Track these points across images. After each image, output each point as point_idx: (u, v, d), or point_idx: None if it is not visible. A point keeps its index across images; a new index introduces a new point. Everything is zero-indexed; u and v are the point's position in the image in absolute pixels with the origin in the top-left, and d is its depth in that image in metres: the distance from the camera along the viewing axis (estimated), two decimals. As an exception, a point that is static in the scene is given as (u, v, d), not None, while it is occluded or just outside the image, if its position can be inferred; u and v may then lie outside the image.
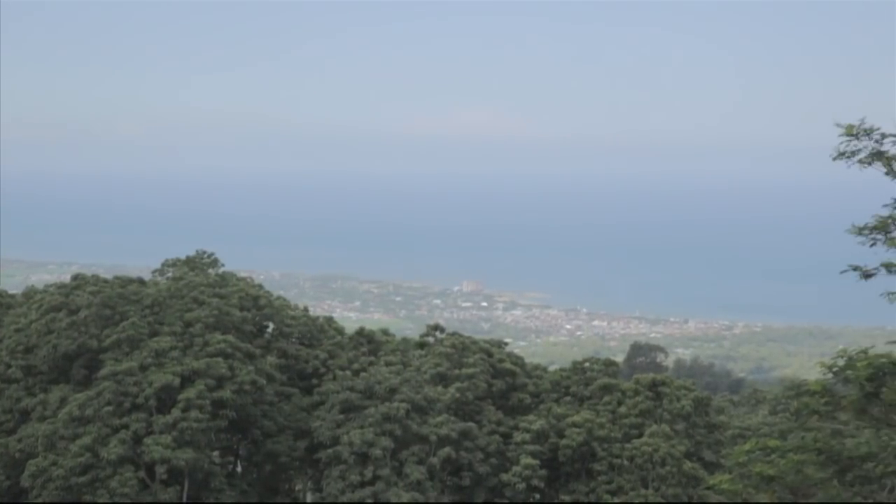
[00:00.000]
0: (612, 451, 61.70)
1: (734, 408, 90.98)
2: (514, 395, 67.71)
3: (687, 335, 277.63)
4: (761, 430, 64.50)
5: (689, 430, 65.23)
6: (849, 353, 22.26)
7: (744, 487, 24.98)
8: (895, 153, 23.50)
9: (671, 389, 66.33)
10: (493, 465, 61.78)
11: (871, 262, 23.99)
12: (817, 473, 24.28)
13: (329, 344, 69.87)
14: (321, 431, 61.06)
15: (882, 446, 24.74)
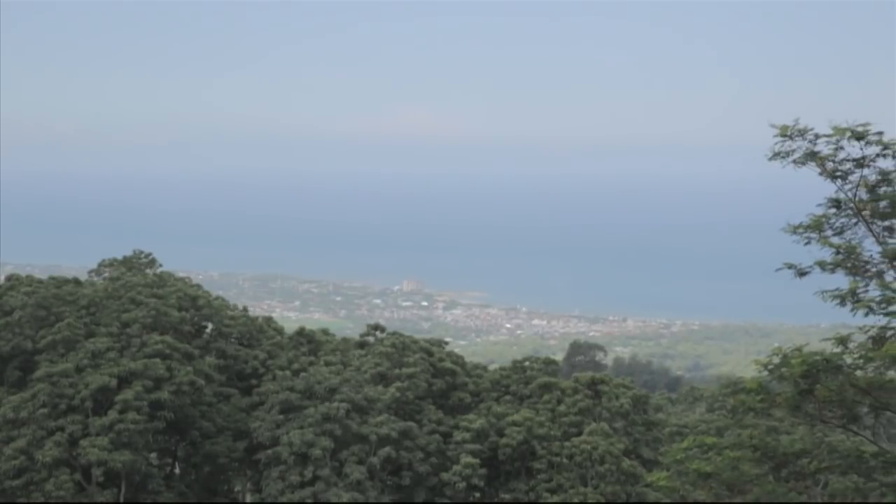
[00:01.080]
0: (551, 449, 61.99)
1: (672, 405, 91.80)
2: (455, 395, 67.81)
3: (626, 333, 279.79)
4: (699, 428, 65.17)
5: (627, 428, 65.72)
6: (784, 351, 22.51)
7: (681, 484, 25.20)
8: (829, 153, 23.86)
9: (610, 388, 66.81)
10: (433, 464, 61.82)
11: (806, 260, 24.34)
12: (753, 470, 24.55)
13: (268, 344, 69.53)
14: (260, 432, 60.73)
15: (816, 443, 25.10)
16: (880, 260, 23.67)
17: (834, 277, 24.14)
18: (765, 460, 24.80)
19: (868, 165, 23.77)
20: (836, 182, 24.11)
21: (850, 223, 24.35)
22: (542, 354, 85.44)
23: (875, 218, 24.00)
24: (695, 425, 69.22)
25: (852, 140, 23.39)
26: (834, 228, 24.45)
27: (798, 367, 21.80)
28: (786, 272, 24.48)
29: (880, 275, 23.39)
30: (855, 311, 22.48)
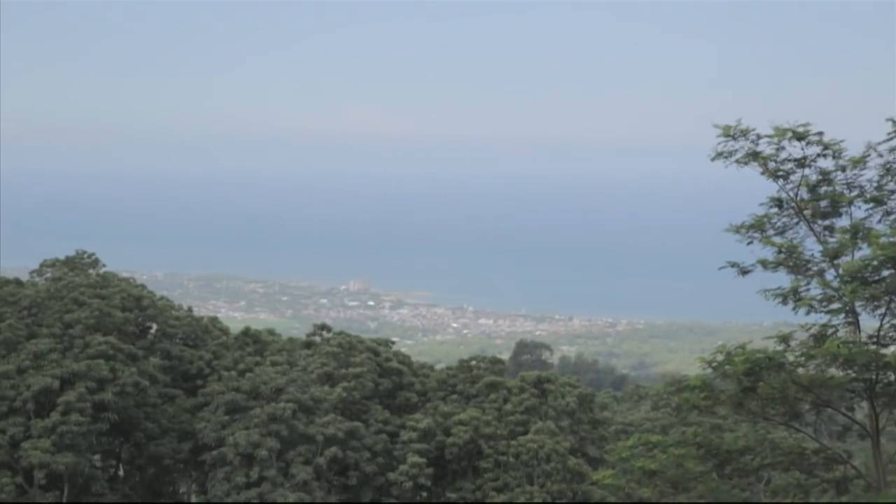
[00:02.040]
0: (498, 448, 62.16)
1: (617, 404, 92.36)
2: (401, 394, 67.75)
3: (572, 332, 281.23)
4: (644, 426, 65.68)
5: (573, 427, 66.05)
6: (727, 349, 22.73)
7: (626, 482, 25.40)
8: (770, 153, 24.15)
9: (556, 386, 67.11)
10: (379, 464, 61.72)
11: (749, 259, 24.60)
12: (697, 467, 24.78)
13: (214, 344, 69.07)
14: (206, 433, 60.32)
15: (758, 440, 25.38)
16: (821, 259, 23.98)
17: (776, 276, 24.43)
18: (709, 458, 25.03)
19: (809, 165, 24.10)
20: (777, 182, 24.41)
21: (792, 222, 24.67)
22: (488, 354, 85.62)
23: (816, 217, 24.32)
24: (640, 423, 69.75)
25: (793, 140, 23.70)
26: (776, 228, 24.75)
27: (741, 365, 22.02)
28: (729, 271, 24.75)
29: (821, 273, 23.70)
30: (797, 309, 22.76)
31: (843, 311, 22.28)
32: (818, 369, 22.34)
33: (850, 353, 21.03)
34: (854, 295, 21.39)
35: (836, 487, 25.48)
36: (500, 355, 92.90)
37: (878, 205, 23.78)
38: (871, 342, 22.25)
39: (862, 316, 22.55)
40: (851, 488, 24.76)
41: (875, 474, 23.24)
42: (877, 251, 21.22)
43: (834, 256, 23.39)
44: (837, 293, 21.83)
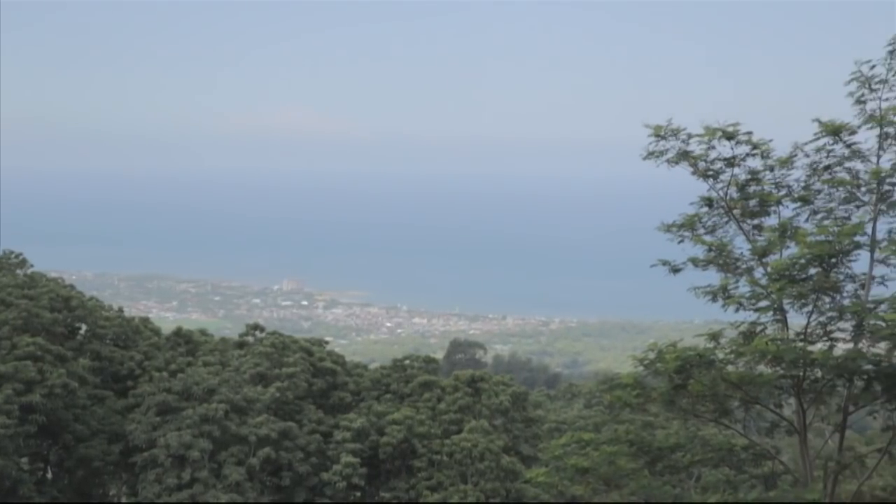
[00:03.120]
0: (431, 447, 62.19)
1: (551, 402, 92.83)
2: (335, 394, 67.53)
3: (505, 331, 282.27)
4: (577, 424, 66.10)
5: (507, 425, 66.29)
6: (659, 347, 22.89)
7: (559, 480, 25.49)
8: (700, 153, 24.41)
9: (490, 385, 67.30)
10: (313, 464, 61.47)
11: (681, 258, 24.84)
12: (629, 464, 24.95)
13: (145, 345, 68.31)
14: (136, 434, 59.67)
15: (689, 437, 25.62)
16: (750, 257, 24.28)
17: (706, 274, 24.69)
18: (640, 455, 25.21)
19: (738, 165, 24.38)
20: (707, 181, 24.67)
21: (722, 221, 24.95)
22: (422, 353, 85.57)
23: (745, 216, 24.61)
24: (573, 421, 70.21)
25: (723, 140, 23.97)
26: (706, 227, 25.02)
27: (672, 363, 22.20)
28: (661, 269, 24.98)
29: (750, 271, 23.99)
30: (726, 307, 23.00)
31: (771, 308, 22.56)
32: (747, 366, 22.59)
33: (778, 351, 21.29)
34: (782, 293, 21.66)
35: (764, 483, 25.81)
36: (433, 354, 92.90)
37: (805, 204, 24.13)
38: (799, 339, 22.55)
39: (790, 313, 22.85)
40: (779, 483, 25.09)
41: (802, 469, 23.57)
42: (804, 250, 21.53)
43: (762, 255, 23.68)
44: (766, 291, 22.10)
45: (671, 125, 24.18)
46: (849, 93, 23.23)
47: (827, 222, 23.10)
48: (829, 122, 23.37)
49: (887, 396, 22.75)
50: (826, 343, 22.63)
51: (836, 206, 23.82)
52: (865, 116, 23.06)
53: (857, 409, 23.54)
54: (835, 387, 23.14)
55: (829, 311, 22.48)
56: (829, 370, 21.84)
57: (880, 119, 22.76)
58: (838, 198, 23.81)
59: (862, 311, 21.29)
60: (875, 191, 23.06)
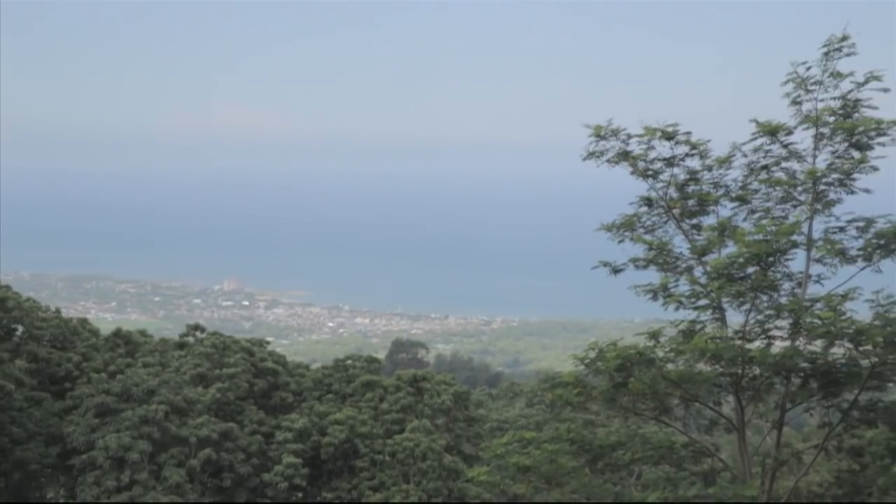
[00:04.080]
0: (374, 447, 62.09)
1: (493, 401, 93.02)
2: (276, 394, 67.20)
3: (447, 331, 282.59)
4: (518, 423, 66.34)
5: (449, 425, 66.36)
6: (599, 346, 23.01)
7: (501, 479, 25.54)
8: (640, 153, 24.60)
9: (432, 385, 67.32)
10: (254, 465, 61.12)
11: (621, 258, 25.01)
12: (570, 462, 25.06)
13: (83, 346, 67.48)
14: (75, 437, 58.95)
15: (630, 435, 25.77)
16: (689, 256, 24.51)
17: (646, 273, 24.88)
18: (581, 453, 25.33)
19: (677, 165, 24.60)
20: (647, 181, 24.87)
21: (661, 221, 25.16)
22: (364, 353, 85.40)
23: (684, 216, 24.84)
24: (514, 420, 70.42)
25: (663, 140, 24.18)
26: (646, 226, 25.21)
27: (613, 361, 22.33)
28: (602, 269, 25.14)
29: (689, 270, 24.22)
30: (666, 305, 23.20)
31: (710, 307, 22.77)
32: (687, 365, 22.78)
33: (716, 349, 21.49)
34: (721, 291, 21.88)
35: (703, 480, 26.02)
36: (376, 354, 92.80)
37: (743, 203, 24.40)
38: (737, 338, 22.77)
39: (728, 312, 23.08)
40: (718, 480, 25.30)
41: (740, 466, 23.82)
42: (742, 249, 21.76)
43: (702, 254, 23.92)
44: (705, 290, 22.31)
45: (611, 125, 24.37)
46: (785, 94, 23.55)
47: (764, 221, 23.35)
48: (766, 123, 23.67)
49: (823, 393, 23.06)
50: (764, 341, 22.87)
51: (773, 206, 24.11)
52: (801, 117, 23.38)
53: (795, 406, 23.84)
54: (772, 384, 23.41)
55: (766, 310, 22.73)
56: (767, 368, 22.07)
57: (816, 120, 23.08)
58: (775, 197, 24.11)
59: (799, 310, 21.55)
60: (811, 190, 23.37)
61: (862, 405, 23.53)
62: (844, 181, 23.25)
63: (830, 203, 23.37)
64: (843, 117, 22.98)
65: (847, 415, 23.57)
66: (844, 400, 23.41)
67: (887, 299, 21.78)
